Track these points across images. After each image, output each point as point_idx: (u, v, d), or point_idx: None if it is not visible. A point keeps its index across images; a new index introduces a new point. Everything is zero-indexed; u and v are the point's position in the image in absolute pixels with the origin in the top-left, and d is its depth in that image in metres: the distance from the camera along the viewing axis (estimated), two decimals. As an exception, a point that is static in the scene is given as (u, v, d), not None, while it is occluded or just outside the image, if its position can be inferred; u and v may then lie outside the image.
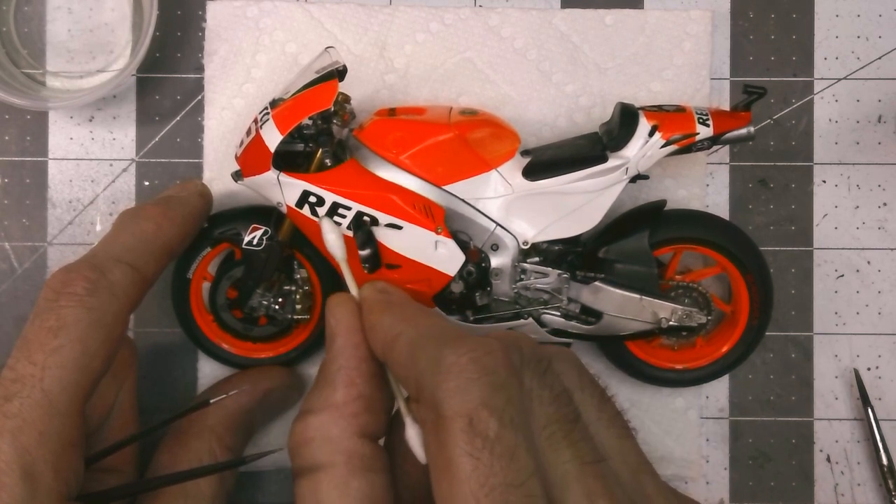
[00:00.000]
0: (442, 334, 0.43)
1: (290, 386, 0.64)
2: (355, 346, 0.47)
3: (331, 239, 0.52)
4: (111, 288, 0.51)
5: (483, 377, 0.40)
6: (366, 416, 0.46)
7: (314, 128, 0.59)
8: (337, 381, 0.46)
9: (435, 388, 0.40)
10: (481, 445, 0.38)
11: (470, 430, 0.38)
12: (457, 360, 0.40)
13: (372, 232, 0.58)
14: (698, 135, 0.58)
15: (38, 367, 0.47)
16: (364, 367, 0.47)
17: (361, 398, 0.46)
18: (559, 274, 0.61)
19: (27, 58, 0.67)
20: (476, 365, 0.40)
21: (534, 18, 0.66)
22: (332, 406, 0.46)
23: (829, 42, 0.68)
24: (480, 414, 0.38)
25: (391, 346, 0.45)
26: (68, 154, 0.67)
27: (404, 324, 0.46)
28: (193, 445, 0.58)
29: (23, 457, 0.46)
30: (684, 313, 0.62)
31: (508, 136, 0.61)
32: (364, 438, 0.45)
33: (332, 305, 0.49)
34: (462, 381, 0.39)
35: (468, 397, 0.39)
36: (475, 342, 0.41)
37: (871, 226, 0.68)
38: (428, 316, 0.47)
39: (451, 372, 0.40)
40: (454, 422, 0.38)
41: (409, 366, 0.43)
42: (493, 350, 0.41)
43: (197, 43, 0.67)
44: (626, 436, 0.45)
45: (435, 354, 0.41)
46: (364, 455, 0.45)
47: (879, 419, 0.67)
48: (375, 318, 0.47)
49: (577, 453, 0.41)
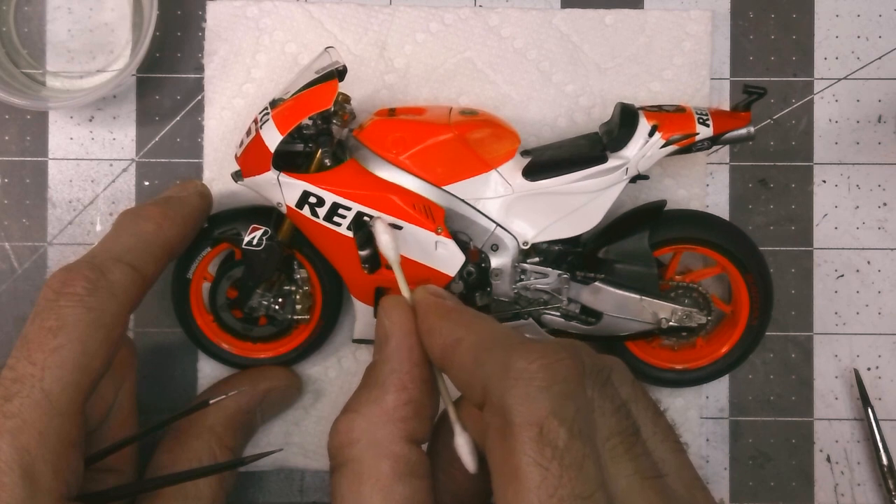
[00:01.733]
0: (507, 340, 0.43)
1: (289, 386, 0.64)
2: (410, 349, 0.47)
3: (384, 240, 0.52)
4: (111, 288, 0.51)
5: (554, 385, 0.39)
6: (414, 422, 0.45)
7: (314, 128, 0.59)
8: (388, 383, 0.46)
9: (503, 393, 0.40)
10: (551, 455, 0.37)
11: (540, 439, 0.38)
12: (527, 367, 0.40)
13: (372, 232, 0.58)
14: (698, 135, 0.58)
15: (37, 366, 0.47)
16: (416, 372, 0.46)
17: (411, 403, 0.46)
18: (559, 274, 0.61)
19: (27, 58, 0.67)
20: (547, 372, 0.40)
21: (534, 18, 0.66)
22: (382, 409, 0.45)
23: (829, 42, 0.68)
24: (551, 423, 0.38)
25: (452, 350, 0.44)
26: (68, 154, 0.67)
27: (464, 329, 0.45)
28: (193, 445, 0.58)
29: (23, 456, 0.46)
30: (684, 314, 0.62)
31: (508, 137, 0.61)
32: (411, 444, 0.45)
33: (387, 307, 0.49)
34: (532, 389, 0.39)
35: (538, 405, 0.39)
36: (545, 348, 0.41)
37: (871, 226, 0.68)
38: (487, 321, 0.47)
39: (522, 378, 0.40)
40: (524, 430, 0.38)
41: (475, 371, 0.42)
42: (563, 358, 0.41)
43: (197, 43, 0.67)
44: (680, 450, 0.45)
45: (503, 360, 0.41)
46: (410, 460, 0.44)
47: (879, 419, 0.67)
48: (433, 321, 0.47)
49: (639, 467, 0.41)
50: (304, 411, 0.66)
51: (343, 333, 0.66)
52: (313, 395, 0.66)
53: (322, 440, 0.66)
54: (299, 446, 0.66)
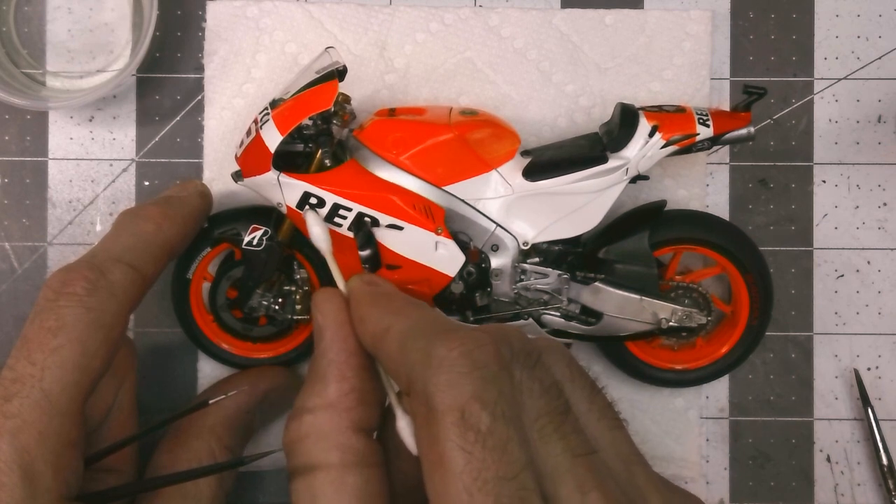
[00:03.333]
0: (432, 327, 0.43)
1: (289, 386, 0.64)
2: (344, 339, 0.47)
3: (315, 231, 0.52)
4: (110, 288, 0.51)
5: (474, 371, 0.40)
6: (359, 410, 0.46)
7: (314, 128, 0.59)
8: (328, 376, 0.46)
9: (426, 381, 0.40)
10: (473, 439, 0.38)
11: (462, 423, 0.38)
12: (447, 354, 0.40)
13: (372, 233, 0.58)
14: (698, 135, 0.58)
15: (37, 367, 0.47)
16: (354, 361, 0.47)
17: (354, 392, 0.46)
18: (559, 274, 0.61)
19: (27, 58, 0.67)
20: (467, 359, 0.40)
21: (534, 18, 0.66)
22: (325, 402, 0.46)
23: (829, 42, 0.68)
24: (472, 407, 0.38)
25: (381, 338, 0.45)
26: (68, 154, 0.67)
27: (394, 316, 0.45)
28: (193, 445, 0.58)
29: (22, 456, 0.46)
30: (684, 314, 0.62)
31: (508, 137, 0.61)
32: (358, 433, 0.45)
33: (318, 301, 0.49)
34: (453, 375, 0.39)
35: (459, 391, 0.39)
36: (466, 335, 0.41)
37: (871, 226, 0.68)
38: (417, 307, 0.47)
39: (443, 366, 0.40)
40: (446, 415, 0.38)
41: (400, 359, 0.43)
42: (483, 344, 0.41)
43: (197, 43, 0.67)
44: (618, 427, 0.45)
45: (425, 348, 0.41)
46: (359, 450, 0.45)
47: (879, 419, 0.67)
48: (364, 310, 0.47)
49: (568, 445, 0.41)
50: (304, 411, 0.66)
51: (343, 333, 0.66)
52: (313, 395, 0.66)
53: (322, 440, 0.66)
54: (299, 446, 0.66)
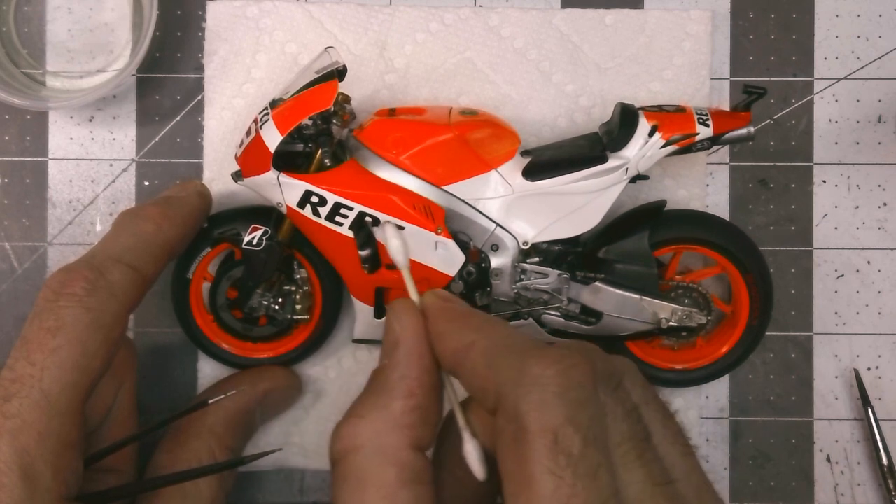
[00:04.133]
0: (521, 344, 0.42)
1: (289, 386, 0.64)
2: (420, 355, 0.46)
3: (394, 244, 0.51)
4: (110, 288, 0.51)
5: (569, 392, 0.39)
6: (421, 429, 0.45)
7: (314, 128, 0.59)
8: (396, 390, 0.45)
9: (517, 399, 0.39)
10: (565, 463, 0.37)
11: (554, 447, 0.37)
12: (542, 373, 0.39)
13: (372, 233, 0.58)
14: (698, 135, 0.58)
15: (37, 367, 0.47)
16: (426, 379, 0.45)
17: (419, 410, 0.45)
18: (559, 274, 0.61)
19: (27, 58, 0.67)
20: (562, 378, 0.39)
21: (534, 18, 0.66)
22: (389, 415, 0.44)
23: (829, 42, 0.68)
24: (566, 431, 0.38)
25: (464, 354, 0.44)
26: (68, 154, 0.67)
27: (476, 332, 0.44)
28: (193, 445, 0.58)
29: (22, 457, 0.46)
30: (684, 314, 0.62)
31: (508, 137, 0.61)
32: (417, 451, 0.44)
33: (398, 311, 0.48)
34: (548, 395, 0.39)
35: (554, 412, 0.38)
36: (559, 354, 0.40)
37: (871, 226, 0.68)
38: (499, 324, 0.46)
39: (537, 384, 0.39)
40: (538, 437, 0.38)
41: (488, 376, 0.42)
42: (578, 363, 0.40)
43: (197, 43, 0.67)
44: (690, 453, 0.44)
45: (518, 365, 0.40)
46: (415, 468, 0.44)
47: (879, 419, 0.67)
48: (443, 326, 0.46)
49: (649, 474, 0.40)
50: (304, 411, 0.66)
51: (343, 333, 0.66)
52: (313, 395, 0.66)
53: (322, 440, 0.66)
54: (299, 446, 0.66)
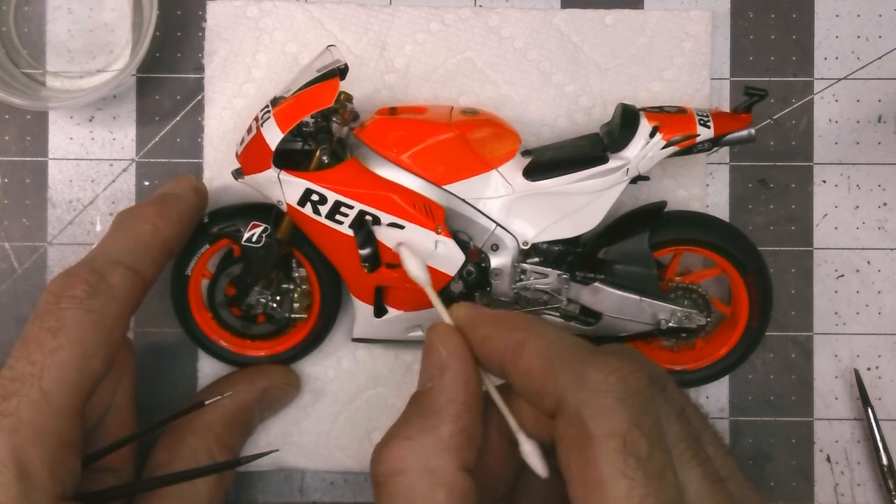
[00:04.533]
0: (577, 349, 0.43)
1: (288, 385, 0.65)
2: (467, 380, 0.46)
3: (412, 265, 0.51)
4: (110, 291, 0.51)
5: (631, 397, 0.40)
6: (467, 451, 0.45)
7: (314, 126, 0.59)
8: (444, 413, 0.45)
9: (580, 405, 0.40)
10: (635, 465, 0.38)
11: (623, 449, 0.38)
12: (604, 379, 0.40)
13: (372, 231, 0.58)
14: (699, 136, 0.58)
15: (37, 366, 0.48)
16: (473, 403, 0.46)
17: (465, 433, 0.45)
18: (559, 274, 0.61)
19: (27, 58, 0.67)
20: (623, 384, 0.40)
21: (534, 18, 0.66)
22: (438, 437, 0.45)
23: (829, 42, 0.68)
24: (633, 434, 0.39)
25: (516, 354, 0.44)
26: (68, 154, 0.67)
27: (525, 332, 0.45)
28: (191, 444, 0.58)
29: (18, 455, 0.46)
30: (683, 315, 0.62)
31: (509, 136, 0.61)
32: (465, 472, 0.45)
33: (442, 335, 0.48)
34: (611, 401, 0.40)
35: (618, 417, 0.39)
36: (619, 359, 0.41)
37: (871, 226, 0.68)
38: (543, 323, 0.47)
39: (599, 390, 0.40)
40: (606, 441, 0.39)
41: (546, 377, 0.42)
42: (635, 370, 0.41)
43: (197, 43, 0.67)
44: (729, 453, 0.46)
45: (578, 370, 0.41)
46: (464, 488, 0.44)
47: (879, 419, 0.67)
48: (488, 329, 0.47)
49: (706, 472, 0.42)
50: (304, 411, 0.66)
51: (342, 333, 0.66)
52: (312, 394, 0.66)
53: (321, 440, 0.66)
54: (298, 446, 0.66)
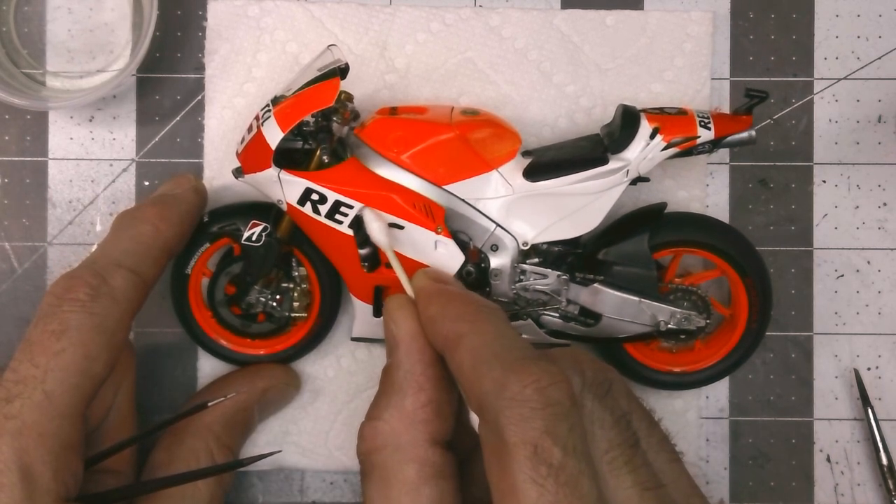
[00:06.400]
0: (507, 353, 0.43)
1: (288, 384, 0.65)
2: (420, 350, 0.47)
3: (374, 227, 0.51)
4: (112, 293, 0.51)
5: (547, 407, 0.40)
6: (436, 423, 0.46)
7: (314, 125, 0.59)
8: (405, 387, 0.47)
9: (498, 413, 0.41)
10: (546, 473, 0.39)
11: (534, 458, 0.39)
12: (521, 390, 0.41)
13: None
14: (699, 138, 0.58)
15: (40, 369, 0.48)
16: (431, 372, 0.47)
17: (431, 403, 0.46)
18: (558, 275, 0.61)
19: (27, 58, 0.67)
20: (540, 395, 0.41)
21: (534, 19, 0.66)
22: (402, 413, 0.46)
23: (829, 42, 0.67)
24: (544, 442, 0.39)
25: (453, 346, 0.45)
26: (68, 154, 0.67)
27: (468, 323, 0.46)
28: (190, 444, 0.58)
29: (21, 457, 0.46)
30: (683, 316, 0.62)
31: (509, 137, 0.61)
32: (435, 445, 0.46)
33: (391, 309, 0.49)
34: (525, 411, 0.40)
35: (532, 426, 0.40)
36: (539, 370, 0.42)
37: (871, 226, 0.68)
38: (491, 317, 0.47)
39: (515, 400, 0.40)
40: (518, 449, 0.39)
41: (472, 379, 0.43)
42: (557, 381, 0.41)
43: (197, 43, 0.66)
44: (676, 459, 0.46)
45: (499, 378, 0.41)
46: (435, 462, 0.45)
47: (879, 419, 0.67)
48: (434, 310, 0.48)
49: (638, 479, 0.42)
50: (303, 410, 0.66)
51: (342, 332, 0.66)
52: (312, 393, 0.66)
53: (321, 439, 0.66)
54: (298, 445, 0.66)
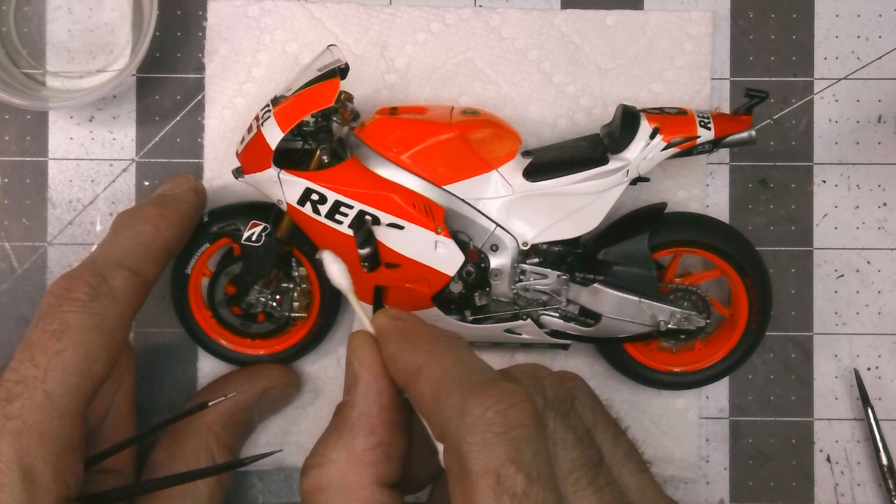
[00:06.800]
0: (466, 378, 0.43)
1: (288, 384, 0.65)
2: (378, 392, 0.46)
3: (334, 270, 0.51)
4: (112, 293, 0.51)
5: (510, 431, 0.39)
6: (384, 465, 0.45)
7: (314, 126, 0.59)
8: (356, 428, 0.46)
9: (460, 440, 0.40)
10: (509, 503, 0.38)
11: (497, 487, 0.38)
12: (482, 414, 0.40)
13: (372, 231, 0.58)
14: (699, 138, 0.58)
15: (40, 369, 0.48)
16: (386, 416, 0.46)
17: (381, 446, 0.45)
18: (558, 275, 0.61)
19: (27, 58, 0.67)
20: (502, 418, 0.40)
21: (534, 19, 0.66)
22: (351, 454, 0.45)
23: (829, 42, 0.67)
24: (507, 470, 0.38)
25: (414, 379, 0.44)
26: (68, 154, 0.67)
27: (426, 354, 0.45)
28: (190, 444, 0.58)
29: (22, 457, 0.46)
30: (683, 316, 0.62)
31: (509, 137, 0.61)
32: (381, 487, 0.45)
33: (354, 346, 0.48)
34: (488, 436, 0.39)
35: (494, 452, 0.39)
36: (500, 392, 0.41)
37: (871, 226, 0.68)
38: (449, 346, 0.46)
39: (477, 425, 0.40)
40: (480, 478, 0.38)
41: (433, 408, 0.42)
42: (518, 401, 0.41)
43: (197, 42, 0.67)
44: (643, 470, 0.45)
45: (460, 404, 0.41)
46: (382, 503, 0.44)
47: (879, 419, 0.67)
48: (394, 347, 0.46)
49: (602, 499, 0.41)
50: (303, 410, 0.66)
51: (342, 332, 0.66)
52: (312, 393, 0.67)
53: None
54: (298, 445, 0.66)
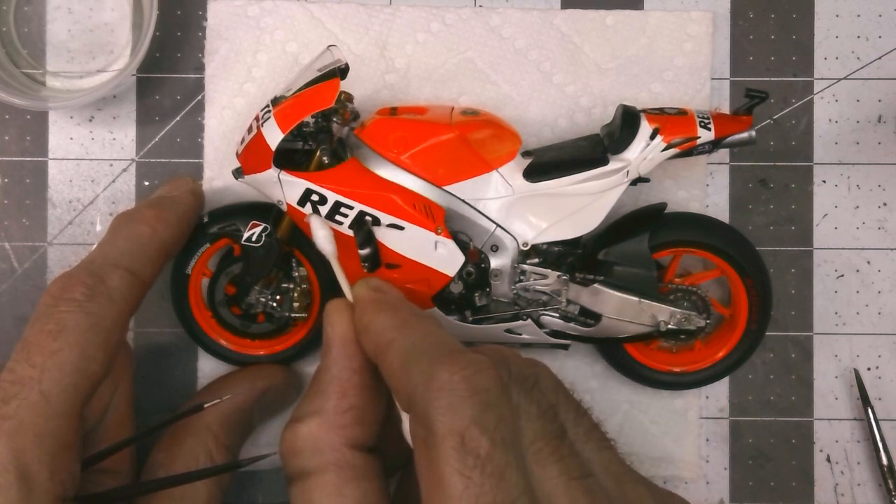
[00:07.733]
0: (435, 348, 0.44)
1: (287, 384, 0.65)
2: (349, 357, 0.48)
3: (320, 235, 0.52)
4: (109, 293, 0.51)
5: (475, 396, 0.40)
6: (356, 428, 0.46)
7: (314, 126, 0.59)
8: (329, 391, 0.47)
9: (426, 405, 0.40)
10: (472, 464, 0.39)
11: (461, 448, 0.39)
12: (449, 378, 0.41)
13: (372, 231, 0.58)
14: (699, 138, 0.58)
15: (36, 369, 0.48)
16: (357, 379, 0.47)
17: (352, 410, 0.47)
18: (558, 275, 0.61)
19: (27, 58, 0.67)
20: (468, 383, 0.41)
21: (534, 19, 0.66)
22: (323, 416, 0.46)
23: (829, 42, 0.67)
24: (472, 432, 0.39)
25: (384, 351, 0.45)
26: (68, 154, 0.67)
27: (398, 329, 0.46)
28: (189, 444, 0.58)
29: (18, 458, 0.46)
30: (683, 316, 0.62)
31: (510, 137, 0.61)
32: (353, 449, 0.46)
33: (329, 312, 0.50)
34: (454, 399, 0.40)
35: (460, 415, 0.40)
36: (467, 360, 0.42)
37: (871, 226, 0.68)
38: (421, 322, 0.47)
39: (444, 390, 0.40)
40: (445, 440, 0.39)
41: (402, 377, 0.43)
42: (484, 368, 0.42)
43: (197, 43, 0.66)
44: (607, 447, 0.46)
45: (427, 370, 0.42)
46: (355, 465, 0.45)
47: (879, 419, 0.67)
48: (368, 318, 0.48)
49: (565, 469, 0.42)
50: (304, 410, 0.66)
51: (343, 333, 0.66)
52: (312, 394, 0.66)
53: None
54: (298, 445, 0.66)
